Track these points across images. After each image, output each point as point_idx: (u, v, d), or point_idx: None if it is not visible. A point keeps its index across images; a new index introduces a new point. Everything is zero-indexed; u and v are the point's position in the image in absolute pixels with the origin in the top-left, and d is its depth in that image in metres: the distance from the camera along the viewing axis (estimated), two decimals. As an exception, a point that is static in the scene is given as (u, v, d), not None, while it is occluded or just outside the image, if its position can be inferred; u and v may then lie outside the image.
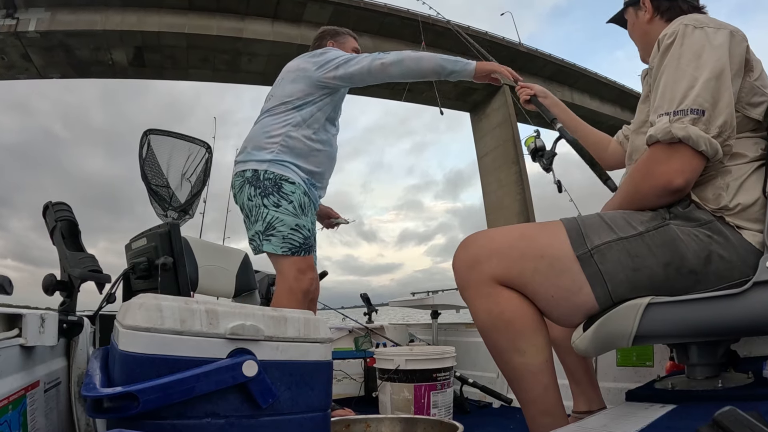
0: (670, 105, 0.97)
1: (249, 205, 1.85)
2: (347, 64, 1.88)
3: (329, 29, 2.22)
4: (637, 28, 1.30)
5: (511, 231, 1.10)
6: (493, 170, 22.79)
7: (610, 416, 1.03)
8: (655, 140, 0.97)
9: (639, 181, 1.03)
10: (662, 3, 1.22)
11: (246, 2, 17.81)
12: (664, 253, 0.95)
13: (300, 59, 2.01)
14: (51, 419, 1.03)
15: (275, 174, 1.84)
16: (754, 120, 1.02)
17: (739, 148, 1.00)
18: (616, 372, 1.78)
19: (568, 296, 1.00)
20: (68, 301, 1.15)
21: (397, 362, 1.85)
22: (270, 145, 1.87)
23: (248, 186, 1.85)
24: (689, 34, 1.00)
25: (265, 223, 1.80)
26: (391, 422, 1.42)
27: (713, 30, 1.00)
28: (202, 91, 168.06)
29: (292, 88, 1.93)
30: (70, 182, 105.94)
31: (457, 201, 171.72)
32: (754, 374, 1.08)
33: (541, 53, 22.67)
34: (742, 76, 1.01)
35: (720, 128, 0.94)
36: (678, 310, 0.94)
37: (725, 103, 0.95)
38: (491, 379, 2.37)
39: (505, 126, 21.91)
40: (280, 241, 1.79)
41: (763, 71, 1.05)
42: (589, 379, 1.35)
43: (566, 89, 23.94)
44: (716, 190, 0.98)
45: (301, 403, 0.91)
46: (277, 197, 1.82)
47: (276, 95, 1.96)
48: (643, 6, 1.26)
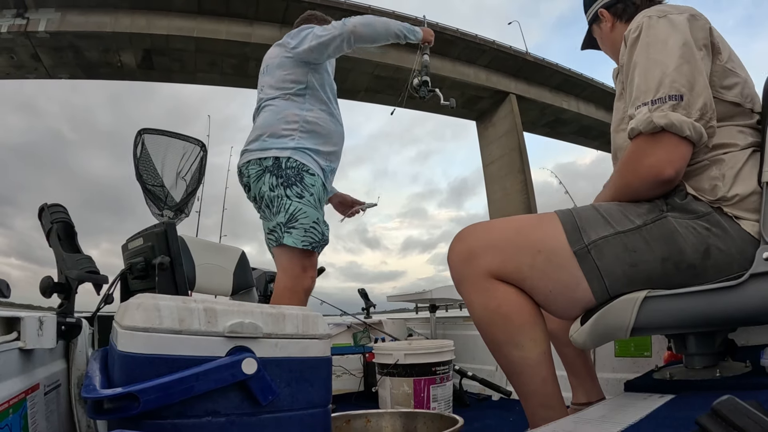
0: (646, 95, 0.96)
1: (270, 195, 1.78)
2: (319, 34, 1.85)
3: (318, 14, 2.16)
4: (605, 40, 1.31)
5: (507, 223, 1.09)
6: (499, 179, 22.83)
7: (608, 407, 1.03)
8: (637, 132, 0.96)
9: (628, 176, 1.01)
10: (617, 6, 1.24)
11: (254, 7, 17.72)
12: (662, 248, 0.94)
13: (278, 46, 1.98)
14: (52, 422, 1.03)
15: (298, 162, 1.79)
16: (732, 104, 1.01)
17: (726, 137, 1.00)
18: (614, 363, 1.78)
19: (566, 291, 0.99)
20: (66, 302, 1.15)
21: (396, 357, 1.85)
22: (289, 131, 1.82)
23: (269, 175, 1.78)
24: (654, 24, 1.00)
25: (288, 214, 1.74)
26: (391, 417, 1.43)
27: (675, 15, 1.00)
28: (208, 95, 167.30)
29: (280, 72, 1.90)
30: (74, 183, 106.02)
31: (461, 210, 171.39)
32: (751, 363, 1.08)
33: (548, 63, 22.59)
34: (711, 59, 1.00)
35: (701, 111, 0.93)
36: (675, 303, 0.93)
37: (701, 85, 0.94)
38: (490, 372, 2.38)
39: (511, 135, 21.91)
40: (301, 233, 1.74)
41: (733, 53, 1.05)
42: (588, 371, 1.35)
43: (572, 99, 23.94)
44: (712, 181, 0.97)
45: (301, 400, 0.91)
46: (300, 188, 1.77)
47: (270, 85, 1.92)
48: (602, 17, 1.27)
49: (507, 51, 21.49)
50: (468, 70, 21.41)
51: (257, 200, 1.85)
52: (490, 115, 23.24)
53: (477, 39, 20.77)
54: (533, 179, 21.45)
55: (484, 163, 24.20)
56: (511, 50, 21.64)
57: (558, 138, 27.26)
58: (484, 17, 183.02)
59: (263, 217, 1.85)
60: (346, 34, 1.82)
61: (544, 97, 23.09)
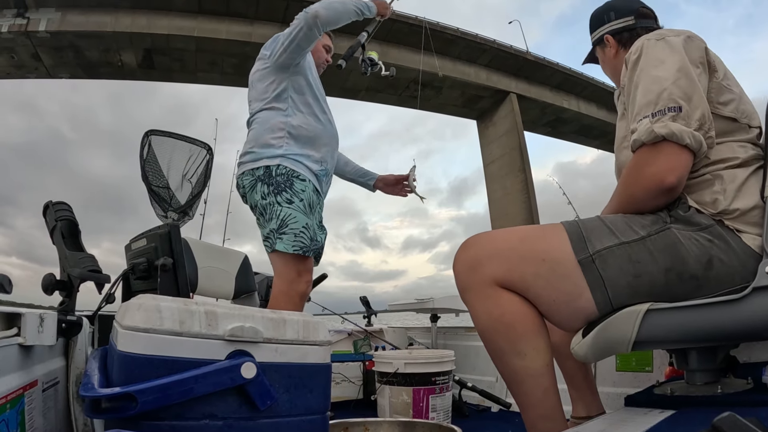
0: (647, 109, 1.00)
1: (263, 203, 1.83)
2: (287, 32, 1.86)
3: None
4: (607, 64, 1.36)
5: (513, 233, 1.10)
6: (499, 178, 22.81)
7: (608, 421, 1.03)
8: (639, 143, 0.99)
9: (631, 186, 1.03)
10: (623, 35, 1.28)
11: (255, 6, 17.85)
12: (666, 258, 0.95)
13: (258, 60, 2.00)
14: (49, 419, 1.03)
15: (287, 169, 1.83)
16: (730, 119, 1.04)
17: (726, 152, 1.02)
18: (615, 377, 1.77)
19: (569, 301, 1.00)
20: (67, 300, 1.15)
21: (396, 365, 1.85)
22: (276, 140, 1.86)
23: (260, 184, 1.83)
24: (652, 46, 1.05)
25: (279, 220, 1.79)
26: (389, 426, 1.42)
27: (672, 38, 1.05)
28: (209, 94, 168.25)
29: (262, 85, 1.93)
30: (75, 183, 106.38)
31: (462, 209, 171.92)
32: (753, 380, 1.08)
33: (549, 62, 22.63)
34: (708, 77, 1.05)
35: (699, 121, 0.97)
36: (677, 316, 0.94)
37: (698, 97, 0.98)
38: (490, 383, 2.36)
39: (512, 134, 21.94)
40: (291, 239, 1.77)
41: (728, 71, 1.08)
42: (588, 385, 1.34)
43: (573, 98, 23.96)
44: (713, 195, 0.98)
45: (299, 406, 0.91)
46: (290, 193, 1.81)
47: (254, 98, 1.96)
48: (607, 43, 1.31)
49: (507, 50, 21.55)
50: (469, 70, 21.46)
51: (253, 209, 1.91)
52: (491, 115, 23.27)
53: (477, 38, 20.83)
54: (534, 178, 21.52)
55: (485, 163, 24.21)
56: (512, 49, 21.71)
57: (559, 137, 27.28)
58: (484, 17, 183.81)
59: (258, 225, 1.89)
60: (310, 20, 1.81)
61: (544, 97, 23.11)
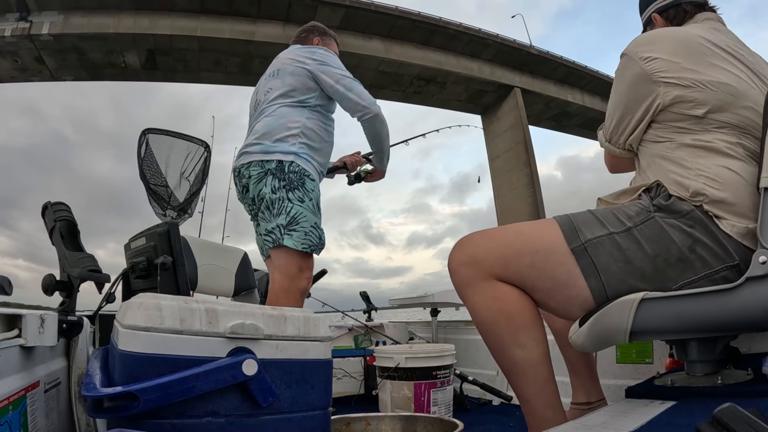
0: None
1: (272, 197, 1.81)
2: (349, 83, 1.91)
3: (319, 26, 2.21)
4: None
5: (507, 229, 1.15)
6: (505, 173, 22.78)
7: (610, 413, 1.03)
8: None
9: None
10: (669, 12, 1.30)
11: (257, 5, 17.76)
12: (652, 246, 0.99)
13: (295, 52, 1.99)
14: (51, 419, 1.03)
15: (300, 168, 1.84)
16: (701, 118, 1.05)
17: (705, 140, 1.04)
18: (615, 369, 1.78)
19: (564, 288, 1.03)
20: (68, 301, 1.15)
21: (397, 360, 1.85)
22: (291, 137, 1.86)
23: (271, 177, 1.82)
24: (620, 63, 1.18)
25: (289, 217, 1.78)
26: (391, 420, 1.42)
27: (630, 57, 1.14)
28: (210, 94, 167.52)
29: (293, 80, 1.92)
30: (79, 185, 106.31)
31: (464, 205, 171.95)
32: (753, 371, 1.08)
33: (552, 56, 22.52)
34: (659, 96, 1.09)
35: (611, 134, 1.20)
36: (672, 306, 0.96)
37: (619, 116, 1.17)
38: (491, 376, 2.37)
39: (517, 128, 21.88)
40: (301, 236, 1.78)
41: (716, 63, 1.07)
42: (589, 372, 1.37)
43: (577, 92, 23.87)
44: (693, 182, 1.01)
45: (301, 402, 0.91)
46: (302, 192, 1.82)
47: (276, 87, 1.94)
48: (655, 21, 1.33)
49: (511, 44, 21.45)
50: (472, 65, 21.39)
51: (255, 201, 1.87)
52: (495, 109, 23.19)
53: (480, 33, 20.75)
54: (539, 173, 21.45)
55: (490, 158, 24.15)
56: (515, 44, 21.61)
57: (563, 131, 27.16)
58: (486, 12, 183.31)
59: (261, 218, 1.86)
60: (379, 113, 1.92)
61: (548, 90, 23.03)
